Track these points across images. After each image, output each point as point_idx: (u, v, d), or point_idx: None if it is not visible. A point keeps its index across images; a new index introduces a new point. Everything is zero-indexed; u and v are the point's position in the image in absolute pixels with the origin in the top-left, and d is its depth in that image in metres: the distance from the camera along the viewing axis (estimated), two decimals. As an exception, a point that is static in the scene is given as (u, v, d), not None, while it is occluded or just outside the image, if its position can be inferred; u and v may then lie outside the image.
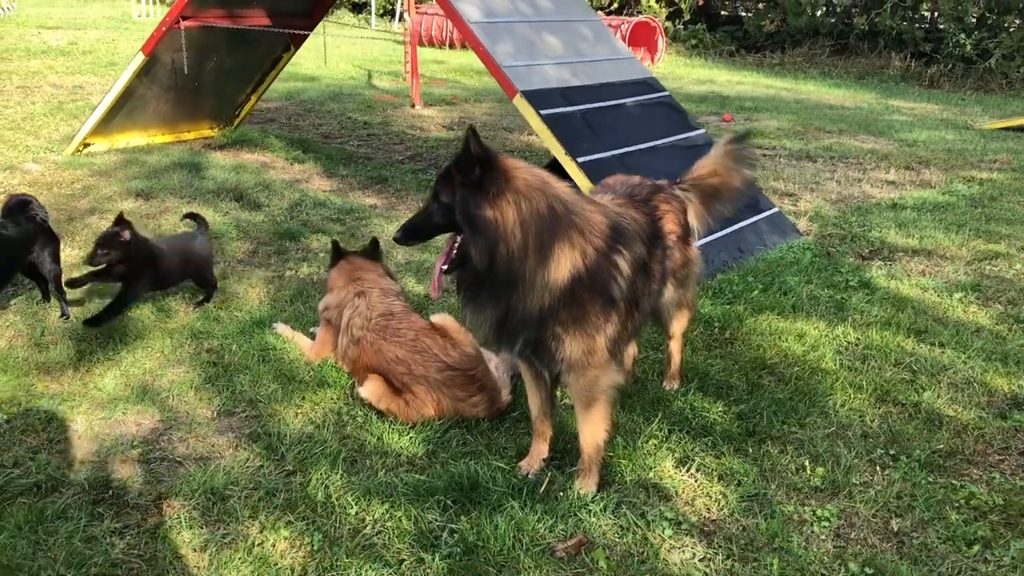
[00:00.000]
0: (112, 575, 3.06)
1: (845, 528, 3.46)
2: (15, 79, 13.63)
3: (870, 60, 18.96)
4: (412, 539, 3.27)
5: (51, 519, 3.30)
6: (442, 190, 3.23)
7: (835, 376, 4.64)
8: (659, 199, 3.89)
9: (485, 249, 3.16)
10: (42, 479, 3.55)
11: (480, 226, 3.15)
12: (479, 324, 3.43)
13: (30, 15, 24.21)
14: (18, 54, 16.31)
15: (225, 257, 6.25)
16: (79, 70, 14.87)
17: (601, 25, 7.69)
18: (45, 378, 4.41)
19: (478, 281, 3.27)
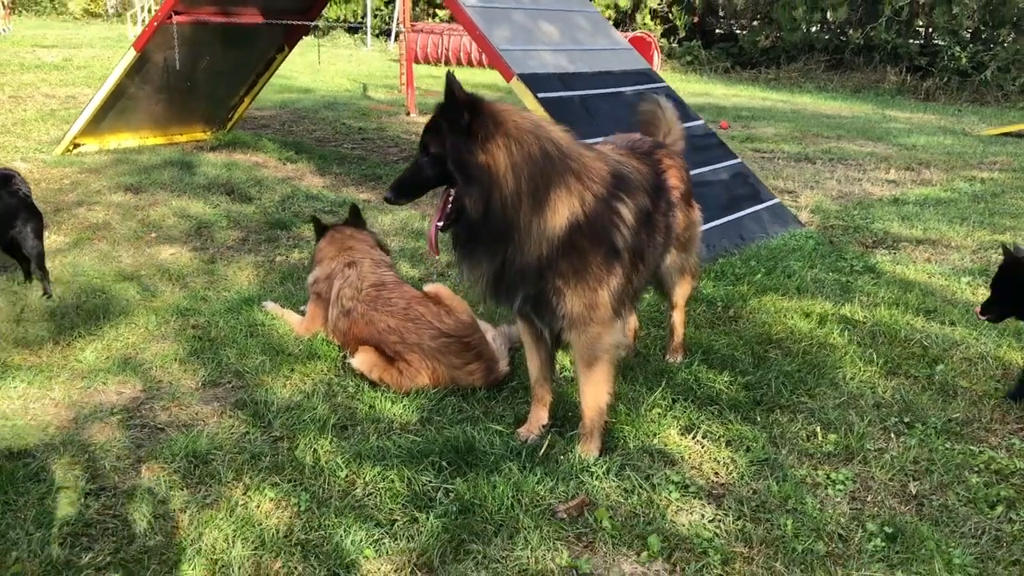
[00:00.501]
0: (85, 534, 2.88)
1: (861, 492, 3.29)
2: (7, 90, 13.53)
3: (865, 74, 18.96)
4: (405, 500, 3.10)
5: (22, 480, 3.12)
6: (431, 141, 3.08)
7: (844, 351, 4.48)
8: (662, 153, 3.75)
9: (479, 197, 3.01)
10: (14, 444, 3.37)
11: (473, 173, 3.00)
12: (476, 279, 3.28)
13: (26, 35, 24.22)
14: (11, 68, 16.22)
15: (214, 244, 6.10)
16: (72, 82, 14.78)
17: (599, 16, 7.61)
18: (23, 352, 4.23)
19: (474, 233, 3.12)
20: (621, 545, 2.94)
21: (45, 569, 2.70)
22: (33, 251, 4.86)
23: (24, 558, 2.73)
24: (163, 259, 5.70)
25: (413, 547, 2.86)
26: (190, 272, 5.44)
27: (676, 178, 3.75)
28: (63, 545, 2.82)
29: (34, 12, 36.12)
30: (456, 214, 3.11)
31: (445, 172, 3.06)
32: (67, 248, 5.80)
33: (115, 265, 5.50)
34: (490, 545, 2.88)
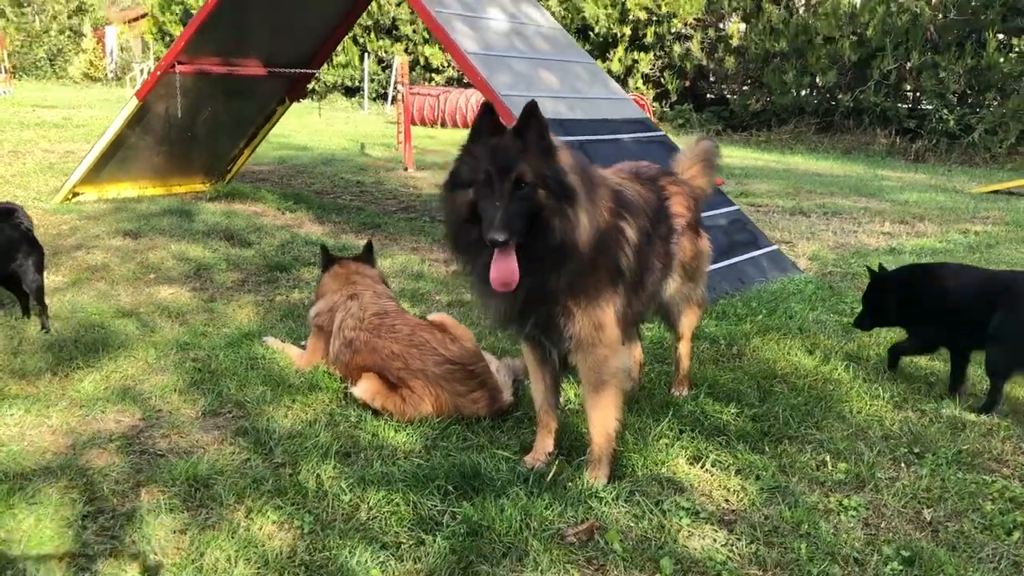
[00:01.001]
0: (82, 554, 2.80)
1: (874, 518, 3.23)
2: (7, 145, 13.62)
3: (855, 136, 19.24)
4: (411, 523, 3.03)
5: (19, 503, 3.04)
6: (525, 171, 2.92)
7: (849, 386, 4.45)
8: (667, 180, 3.77)
9: (571, 216, 2.97)
10: (12, 467, 3.30)
11: (568, 192, 2.97)
12: (505, 307, 3.21)
13: (26, 97, 24.49)
14: (12, 126, 16.35)
15: (214, 284, 6.07)
16: (71, 139, 14.89)
17: (596, 67, 7.72)
18: (20, 382, 4.17)
19: (537, 262, 3.01)
20: (633, 568, 2.87)
21: (40, 588, 2.62)
22: (33, 284, 4.82)
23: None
24: (162, 298, 5.67)
25: (420, 568, 2.78)
26: (189, 310, 5.41)
27: (681, 205, 3.76)
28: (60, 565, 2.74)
29: (35, 76, 36.60)
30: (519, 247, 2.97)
31: (535, 202, 2.94)
32: (66, 287, 5.77)
33: (114, 303, 5.47)
34: (499, 567, 2.81)
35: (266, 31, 8.92)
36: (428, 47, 27.19)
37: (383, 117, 24.26)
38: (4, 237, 4.73)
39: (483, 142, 3.01)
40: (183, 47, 8.15)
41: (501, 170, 2.91)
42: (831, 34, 19.38)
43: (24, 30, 37.07)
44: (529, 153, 2.94)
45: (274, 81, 9.58)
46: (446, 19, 6.51)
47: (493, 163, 2.92)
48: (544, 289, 3.12)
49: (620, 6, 22.80)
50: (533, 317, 3.25)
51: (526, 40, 7.25)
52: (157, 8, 34.44)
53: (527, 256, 2.99)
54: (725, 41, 21.75)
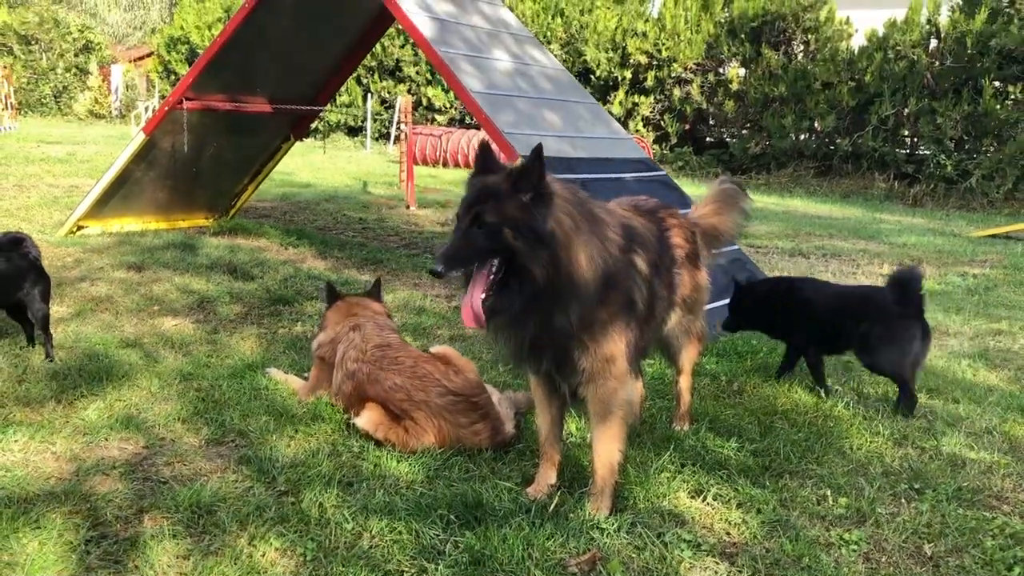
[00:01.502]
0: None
1: (875, 552, 3.24)
2: (11, 179, 13.72)
3: (854, 180, 19.39)
4: (414, 552, 3.03)
5: (22, 527, 3.05)
6: (487, 211, 2.99)
7: (849, 423, 4.47)
8: (666, 213, 3.84)
9: (549, 262, 3.00)
10: (16, 492, 3.31)
11: (545, 240, 2.99)
12: (515, 347, 3.26)
13: (31, 132, 24.68)
14: (16, 161, 16.46)
15: (217, 317, 6.11)
16: (76, 174, 15.00)
17: (598, 107, 7.83)
18: (25, 409, 4.19)
19: (527, 303, 3.06)
20: (635, 599, 2.87)
21: (43, 611, 2.63)
22: (39, 313, 4.86)
23: (22, 599, 2.66)
24: (165, 329, 5.70)
25: (422, 596, 2.79)
26: (193, 341, 5.44)
27: (680, 237, 3.82)
28: (62, 589, 2.74)
29: (40, 112, 36.93)
30: (502, 283, 3.06)
31: (501, 243, 2.99)
32: (70, 318, 5.80)
33: (118, 333, 5.49)
34: (501, 595, 2.81)
35: (272, 70, 9.05)
36: (431, 88, 27.48)
37: (385, 156, 24.44)
38: (12, 266, 4.78)
39: (472, 181, 3.11)
40: (191, 83, 8.26)
41: (465, 208, 3.03)
42: (829, 79, 19.64)
43: (31, 67, 37.47)
44: (506, 195, 2.99)
45: (279, 119, 9.70)
46: (452, 59, 6.62)
47: (464, 202, 3.05)
48: (552, 328, 3.15)
49: (621, 50, 23.11)
50: (550, 354, 3.28)
51: (530, 80, 7.36)
52: (163, 47, 34.85)
53: (522, 294, 3.05)
54: (725, 85, 22.01)
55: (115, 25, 52.05)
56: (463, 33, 7.25)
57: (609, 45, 23.33)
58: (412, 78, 28.10)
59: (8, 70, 27.51)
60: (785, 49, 21.24)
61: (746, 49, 21.40)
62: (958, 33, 18.05)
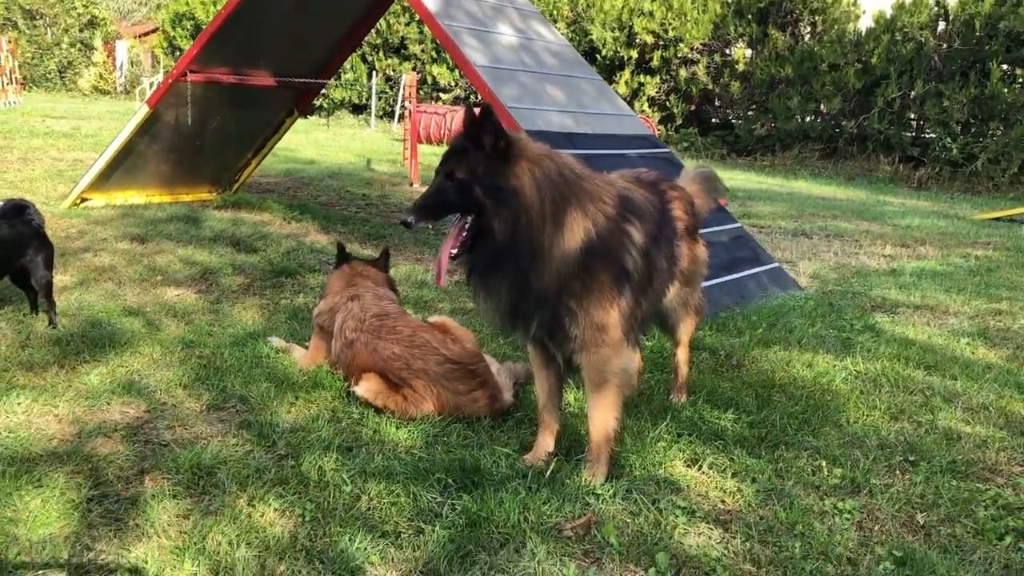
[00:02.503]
0: (88, 534, 2.84)
1: (868, 521, 3.27)
2: (16, 152, 13.74)
3: (859, 163, 19.35)
4: (411, 513, 3.07)
5: (25, 486, 3.09)
6: (456, 167, 3.10)
7: (846, 397, 4.49)
8: (667, 185, 3.85)
9: (510, 219, 3.07)
10: (19, 452, 3.35)
11: (506, 196, 3.06)
12: (493, 308, 3.31)
13: (36, 107, 24.66)
14: (21, 135, 16.47)
15: (219, 288, 6.14)
16: (80, 148, 15.01)
17: (603, 84, 7.82)
18: (28, 374, 4.23)
19: (495, 260, 3.15)
20: (628, 562, 2.91)
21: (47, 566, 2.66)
22: (42, 280, 4.89)
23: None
24: (168, 299, 5.74)
25: (419, 556, 2.83)
26: (195, 311, 5.47)
27: (680, 210, 3.83)
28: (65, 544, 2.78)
29: (44, 88, 36.90)
30: (471, 242, 3.15)
31: (470, 198, 3.08)
32: (73, 286, 5.83)
33: (120, 302, 5.53)
34: (497, 556, 2.85)
35: (276, 44, 9.05)
36: (436, 66, 27.41)
37: (389, 134, 24.41)
38: (15, 232, 4.81)
39: (453, 139, 3.22)
40: (195, 55, 8.26)
41: (440, 163, 3.16)
42: (836, 61, 19.56)
43: (35, 42, 37.40)
44: (473, 152, 3.09)
45: (283, 93, 9.70)
46: (456, 32, 6.61)
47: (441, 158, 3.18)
48: (527, 288, 3.19)
49: (627, 30, 23.02)
50: (536, 320, 3.30)
51: (534, 55, 7.35)
52: (168, 23, 34.77)
53: (484, 252, 3.16)
54: (731, 66, 21.93)
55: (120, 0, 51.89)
56: (467, 7, 7.23)
57: (615, 24, 23.23)
58: (417, 56, 28.02)
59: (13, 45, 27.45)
60: (792, 30, 21.16)
61: (753, 30, 21.31)
62: (966, 15, 17.95)
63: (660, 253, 3.53)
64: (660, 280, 3.62)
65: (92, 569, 2.68)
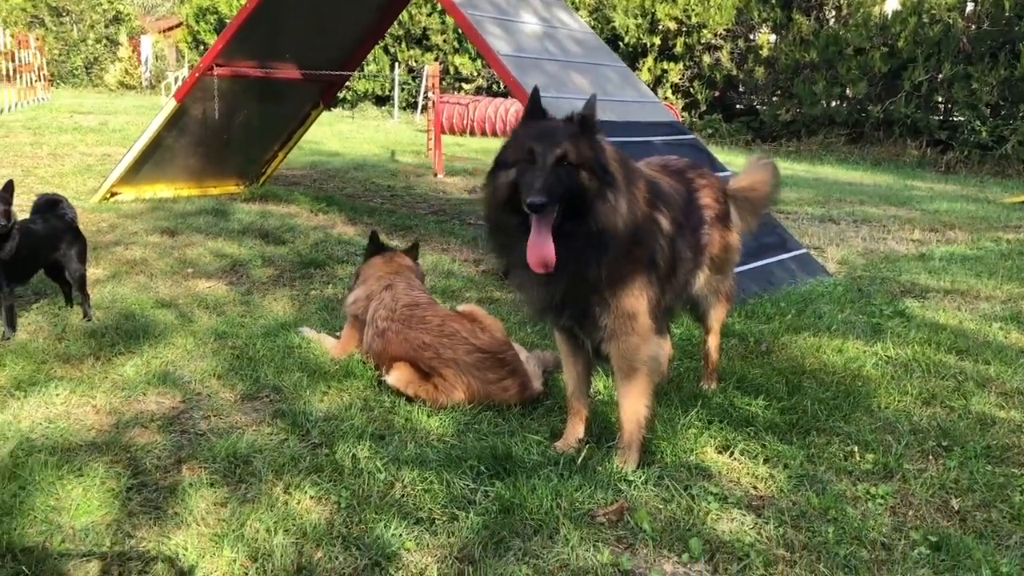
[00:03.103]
0: (128, 522, 2.90)
1: (901, 506, 3.26)
2: (46, 148, 13.91)
3: (886, 147, 19.13)
4: (444, 500, 3.10)
5: (67, 475, 3.15)
6: (570, 151, 3.01)
7: (877, 382, 4.47)
8: (695, 173, 3.84)
9: (617, 203, 3.06)
10: (59, 443, 3.41)
11: (612, 182, 3.06)
12: (546, 295, 3.27)
13: (63, 103, 24.93)
14: (50, 131, 16.67)
15: (250, 279, 6.20)
16: (108, 143, 15.17)
17: (627, 70, 7.79)
18: (65, 365, 4.30)
19: (571, 249, 3.08)
20: (662, 547, 2.92)
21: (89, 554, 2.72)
22: (76, 273, 4.96)
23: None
24: (200, 290, 5.80)
25: (453, 542, 2.86)
26: (227, 302, 5.53)
27: (710, 198, 3.82)
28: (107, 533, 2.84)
29: (71, 84, 37.27)
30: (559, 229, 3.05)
31: (577, 182, 3.02)
32: (106, 279, 5.91)
33: (153, 294, 5.60)
34: (530, 542, 2.87)
35: (300, 37, 9.08)
36: (458, 56, 27.39)
37: (412, 125, 24.45)
38: (49, 226, 4.88)
39: (531, 124, 3.11)
40: (221, 49, 8.31)
41: (546, 145, 2.99)
42: (862, 45, 19.32)
43: (62, 39, 37.78)
44: (577, 136, 3.04)
45: (308, 85, 9.74)
46: (479, 21, 6.61)
47: (539, 140, 3.01)
48: (584, 280, 3.18)
49: (650, 16, 22.87)
50: (571, 307, 3.31)
51: (558, 43, 7.34)
52: (192, 17, 34.98)
53: (568, 243, 3.06)
54: (755, 52, 21.73)
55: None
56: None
57: (638, 11, 23.08)
58: (439, 47, 28.00)
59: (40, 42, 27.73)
60: (816, 14, 20.92)
61: (777, 14, 21.10)
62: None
63: (685, 242, 3.53)
64: (685, 269, 3.61)
65: (133, 556, 2.73)
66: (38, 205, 5.01)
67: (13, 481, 3.08)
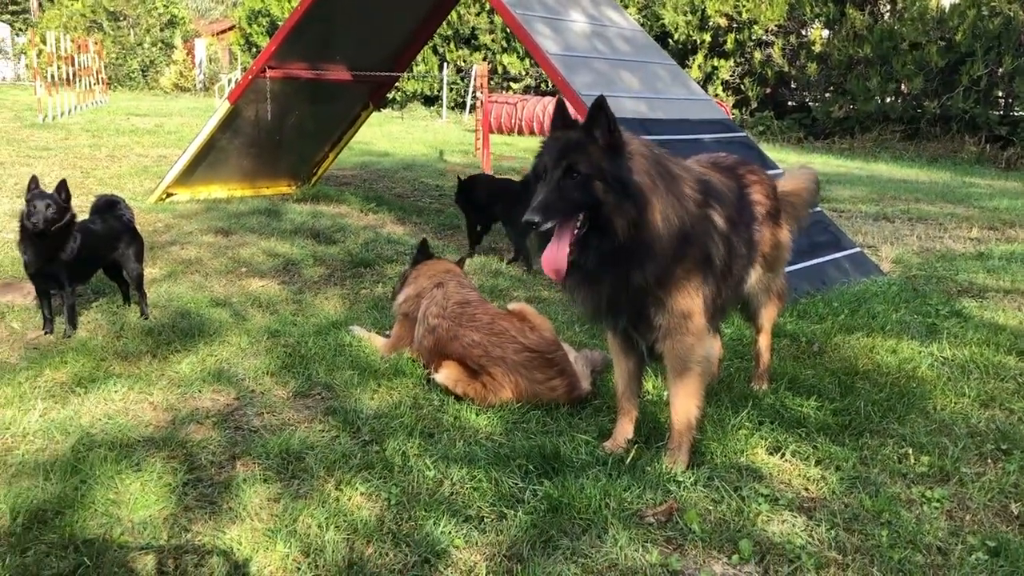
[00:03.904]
0: (184, 516, 2.96)
1: (958, 510, 3.20)
2: (104, 150, 14.22)
3: (942, 144, 18.74)
4: (493, 498, 3.12)
5: (125, 470, 3.23)
6: (578, 160, 2.98)
7: (933, 384, 4.39)
8: (746, 169, 3.80)
9: (633, 215, 2.99)
10: (118, 438, 3.50)
11: (630, 191, 2.98)
12: (592, 304, 3.29)
13: (120, 106, 25.49)
14: (108, 133, 17.04)
15: (301, 278, 6.29)
16: (164, 144, 15.47)
17: (677, 68, 7.74)
18: (123, 363, 4.40)
19: (606, 259, 3.07)
20: (711, 548, 2.90)
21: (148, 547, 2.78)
22: (134, 272, 5.08)
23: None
24: (253, 289, 5.90)
25: (502, 540, 2.87)
26: (279, 301, 5.62)
27: (761, 194, 3.78)
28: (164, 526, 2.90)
29: (128, 87, 38.10)
30: (585, 236, 3.05)
31: (591, 194, 2.99)
32: (162, 278, 6.04)
33: (208, 293, 5.71)
34: (579, 541, 2.87)
35: (350, 39, 9.18)
36: (506, 56, 27.44)
37: (461, 125, 24.55)
38: (107, 227, 5.00)
39: (551, 134, 3.12)
40: (274, 52, 8.44)
41: (552, 159, 3.00)
42: (918, 39, 18.94)
43: (119, 43, 38.63)
44: (591, 145, 3.00)
45: (358, 86, 9.85)
46: (528, 20, 6.62)
47: (548, 153, 3.04)
48: (629, 284, 3.16)
49: (700, 13, 22.69)
50: (626, 312, 3.30)
51: (607, 41, 7.31)
52: (244, 20, 35.53)
53: (600, 250, 3.05)
54: (807, 48, 21.44)
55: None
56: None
57: (688, 8, 22.92)
58: (488, 46, 28.09)
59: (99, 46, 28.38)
60: (871, 9, 20.57)
61: (830, 10, 20.79)
62: (1058, -13, 17.22)
63: (739, 238, 3.50)
64: (740, 266, 3.58)
65: (189, 550, 2.79)
66: (97, 206, 5.14)
67: (75, 475, 3.17)
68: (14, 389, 3.98)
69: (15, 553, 2.71)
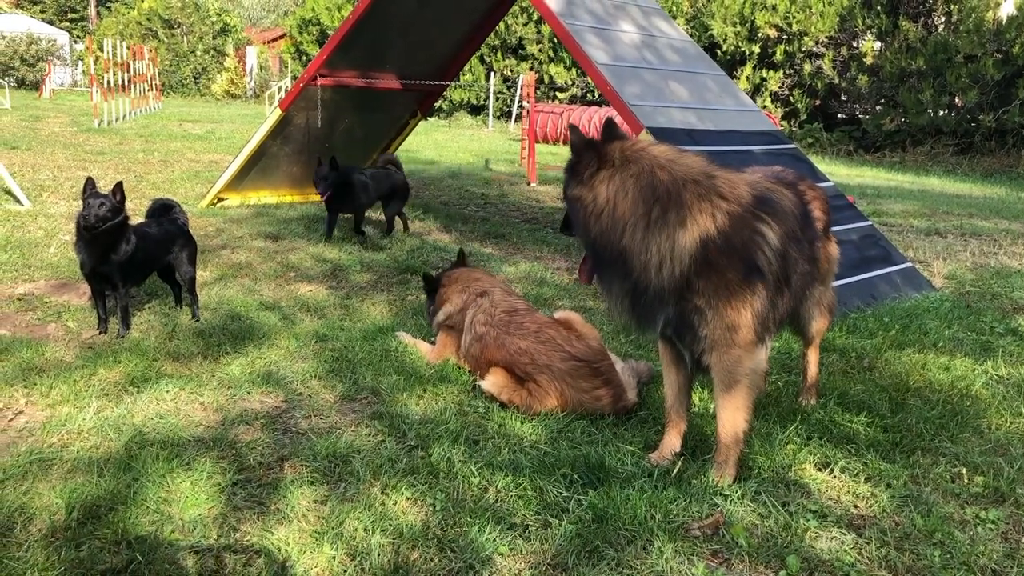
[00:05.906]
0: (233, 516, 3.00)
1: (1014, 532, 3.13)
2: (156, 155, 14.51)
3: (997, 158, 18.38)
4: (538, 507, 3.11)
5: (176, 469, 3.28)
6: (566, 189, 3.39)
7: (987, 402, 4.30)
8: (805, 185, 3.77)
9: (577, 228, 3.33)
10: (170, 437, 3.56)
11: (572, 207, 3.33)
12: (614, 304, 3.39)
13: (174, 112, 26.02)
14: (161, 138, 17.40)
15: (349, 284, 6.35)
16: (215, 150, 15.75)
17: (726, 79, 7.69)
18: (175, 364, 4.48)
19: (595, 265, 3.39)
20: (758, 563, 2.87)
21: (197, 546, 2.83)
22: (187, 275, 5.17)
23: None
24: (301, 294, 5.97)
25: (547, 549, 2.86)
26: (327, 306, 5.68)
27: (819, 210, 3.76)
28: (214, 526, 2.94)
29: (180, 93, 38.85)
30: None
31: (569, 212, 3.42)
32: (213, 282, 6.13)
33: (257, 297, 5.79)
34: (624, 552, 2.86)
35: (400, 48, 9.27)
36: (553, 66, 27.49)
37: (507, 134, 24.63)
38: (162, 230, 5.10)
39: None
40: (324, 60, 8.54)
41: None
42: (973, 52, 18.62)
43: (173, 50, 39.43)
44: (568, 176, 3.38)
45: (407, 95, 9.94)
46: (578, 31, 6.63)
47: None
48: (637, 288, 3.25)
49: (749, 24, 22.54)
50: (661, 317, 3.30)
51: (656, 52, 7.30)
52: (295, 29, 36.05)
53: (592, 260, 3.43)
54: (858, 59, 21.17)
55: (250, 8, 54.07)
56: (589, 5, 7.24)
57: (737, 19, 22.78)
58: (534, 56, 28.16)
59: (154, 53, 28.99)
60: (925, 20, 20.27)
61: (882, 21, 20.52)
62: (1120, -1, 16.82)
63: (802, 255, 3.45)
64: (801, 282, 3.53)
65: (238, 549, 2.83)
66: (152, 209, 5.24)
67: (127, 472, 3.23)
68: (70, 387, 4.07)
69: (70, 547, 2.76)
